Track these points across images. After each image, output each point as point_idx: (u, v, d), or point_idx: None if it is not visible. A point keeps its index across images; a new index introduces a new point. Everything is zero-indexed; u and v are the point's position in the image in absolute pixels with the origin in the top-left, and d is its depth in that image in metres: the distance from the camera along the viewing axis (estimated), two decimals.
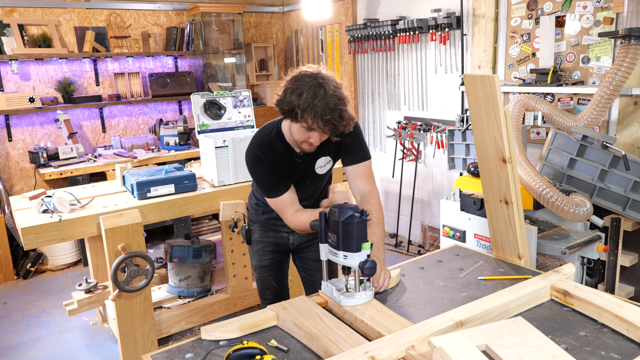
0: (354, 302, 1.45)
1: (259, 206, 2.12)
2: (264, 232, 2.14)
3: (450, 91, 4.02)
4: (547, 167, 2.92)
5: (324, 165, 1.95)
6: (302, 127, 1.69)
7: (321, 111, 1.59)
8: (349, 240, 1.42)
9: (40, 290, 4.00)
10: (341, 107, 1.64)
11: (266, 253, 2.16)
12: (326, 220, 1.49)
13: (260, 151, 1.84)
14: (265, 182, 1.87)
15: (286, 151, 1.85)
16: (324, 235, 1.49)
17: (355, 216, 1.41)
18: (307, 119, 1.63)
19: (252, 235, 2.17)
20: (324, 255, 1.53)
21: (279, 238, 2.14)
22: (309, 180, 1.96)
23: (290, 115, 1.68)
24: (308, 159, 1.90)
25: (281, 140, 1.85)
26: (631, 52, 2.57)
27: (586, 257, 2.50)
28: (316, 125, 1.63)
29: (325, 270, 1.58)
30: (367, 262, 1.41)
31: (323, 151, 1.90)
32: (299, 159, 1.87)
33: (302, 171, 1.92)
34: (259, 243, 2.16)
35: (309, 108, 1.60)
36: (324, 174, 1.99)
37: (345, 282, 1.54)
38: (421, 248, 4.49)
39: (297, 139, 1.76)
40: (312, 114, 1.60)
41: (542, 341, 1.13)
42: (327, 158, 1.94)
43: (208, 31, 5.26)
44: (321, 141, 1.74)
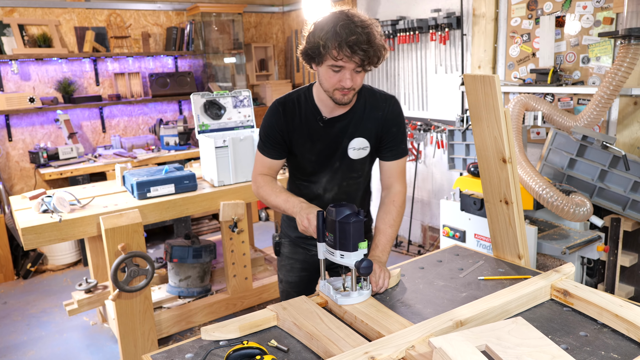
0: (351, 301, 1.45)
1: (290, 222, 1.94)
2: (294, 248, 1.96)
3: (450, 91, 4.02)
4: (547, 167, 2.91)
5: (359, 149, 1.72)
6: (329, 69, 1.52)
7: (345, 35, 1.44)
8: (346, 240, 1.42)
9: (40, 290, 4.00)
10: (368, 30, 1.47)
11: (294, 270, 1.97)
12: (324, 219, 1.49)
13: (283, 102, 1.71)
14: (264, 134, 1.73)
15: (311, 111, 1.69)
16: (321, 234, 1.49)
17: (352, 215, 1.42)
18: (331, 50, 1.46)
19: (282, 249, 2.00)
20: (322, 254, 1.52)
21: (309, 257, 1.95)
22: (338, 161, 1.74)
23: (315, 57, 1.52)
24: (335, 128, 1.70)
25: (309, 100, 1.70)
26: (631, 52, 2.57)
27: (586, 257, 2.51)
28: (343, 53, 1.46)
29: (323, 269, 1.56)
30: (363, 262, 1.41)
31: (361, 131, 1.71)
32: (322, 122, 1.69)
33: (329, 144, 1.71)
34: (288, 259, 1.98)
35: (332, 36, 1.45)
36: (358, 162, 1.76)
37: (343, 281, 1.55)
38: (421, 248, 4.49)
39: (328, 88, 1.58)
40: (336, 41, 1.44)
41: (542, 341, 1.12)
42: (365, 142, 1.72)
43: (208, 31, 5.26)
44: (355, 84, 1.55)
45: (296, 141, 1.72)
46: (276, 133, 1.72)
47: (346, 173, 1.77)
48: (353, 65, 1.51)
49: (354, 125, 1.71)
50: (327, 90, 1.60)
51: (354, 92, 1.60)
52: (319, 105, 1.70)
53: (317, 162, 1.75)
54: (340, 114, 1.70)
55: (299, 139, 1.72)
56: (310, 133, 1.71)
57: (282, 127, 1.71)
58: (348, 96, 1.59)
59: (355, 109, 1.71)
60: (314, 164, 1.76)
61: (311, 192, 1.81)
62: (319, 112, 1.70)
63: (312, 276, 1.97)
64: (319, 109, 1.70)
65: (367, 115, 1.72)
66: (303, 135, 1.71)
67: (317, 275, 1.95)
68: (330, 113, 1.70)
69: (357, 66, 1.52)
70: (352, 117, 1.71)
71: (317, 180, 1.79)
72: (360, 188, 1.85)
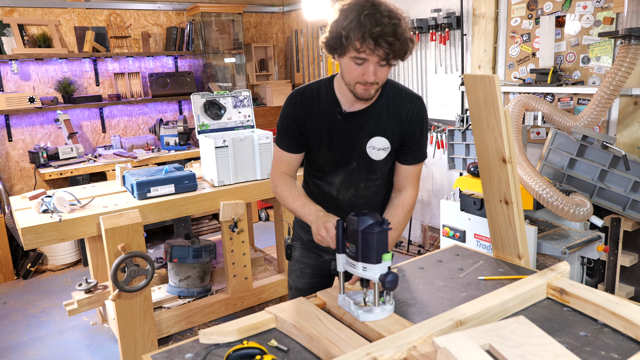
0: (373, 318, 1.35)
1: (303, 224, 1.84)
2: (305, 251, 1.88)
3: (450, 91, 4.02)
4: (547, 167, 2.91)
5: (379, 149, 1.63)
6: (351, 61, 1.44)
7: (370, 25, 1.34)
8: (369, 251, 1.31)
9: (40, 290, 4.00)
10: (395, 21, 1.38)
11: (305, 276, 1.88)
12: (344, 229, 1.38)
13: (301, 92, 1.65)
14: (281, 126, 1.67)
15: (330, 103, 1.62)
16: (341, 245, 1.39)
17: (375, 225, 1.31)
18: (354, 41, 1.38)
19: (293, 252, 1.91)
20: (341, 267, 1.40)
21: (320, 262, 1.87)
22: (355, 160, 1.65)
23: (337, 48, 1.44)
24: (354, 123, 1.62)
25: (329, 91, 1.63)
26: (631, 52, 2.57)
27: (586, 257, 2.51)
28: (366, 45, 1.37)
29: (342, 282, 1.45)
30: (389, 275, 1.30)
31: (382, 130, 1.62)
32: (340, 115, 1.61)
33: (346, 140, 1.63)
34: (299, 263, 1.90)
35: (355, 27, 1.36)
36: (377, 163, 1.66)
37: (364, 295, 1.42)
38: (421, 248, 4.49)
39: (350, 81, 1.50)
40: (360, 32, 1.36)
41: (544, 340, 1.13)
42: (385, 142, 1.63)
43: (208, 31, 5.26)
44: (378, 78, 1.46)
45: (313, 133, 1.64)
46: (293, 124, 1.65)
47: (364, 174, 1.68)
48: (377, 59, 1.42)
49: (374, 123, 1.62)
50: (348, 84, 1.52)
51: (377, 86, 1.51)
52: (340, 97, 1.62)
53: (333, 160, 1.67)
54: (360, 108, 1.61)
55: (315, 132, 1.64)
56: (327, 126, 1.63)
57: (299, 117, 1.63)
58: (370, 91, 1.50)
59: (377, 105, 1.62)
60: (329, 162, 1.68)
61: (324, 193, 1.73)
62: (338, 105, 1.62)
63: (323, 283, 1.87)
64: (338, 101, 1.62)
65: (390, 114, 1.63)
66: (320, 127, 1.63)
67: (328, 283, 1.90)
68: (350, 107, 1.62)
69: (381, 60, 1.43)
70: (372, 114, 1.62)
71: (332, 180, 1.71)
72: (380, 192, 1.74)
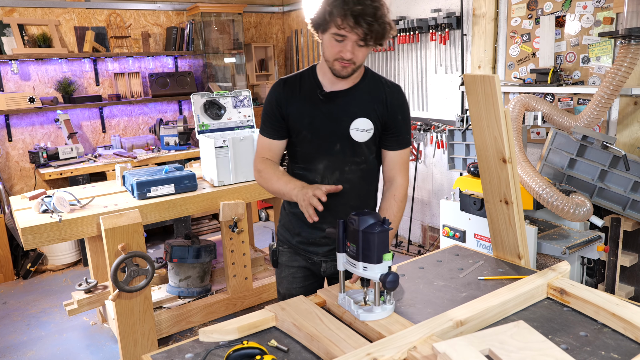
0: (374, 317, 1.36)
1: (290, 226, 1.83)
2: (293, 255, 1.85)
3: (450, 91, 4.02)
4: (547, 167, 2.91)
5: (363, 130, 1.65)
6: (332, 37, 1.52)
7: (352, 4, 1.44)
8: (370, 251, 1.31)
9: (40, 290, 4.00)
10: (376, 4, 1.47)
11: (297, 280, 1.84)
12: (344, 228, 1.39)
13: (285, 78, 1.71)
14: (265, 113, 1.71)
15: (312, 85, 1.68)
16: (341, 244, 1.40)
17: (376, 225, 1.31)
18: (336, 17, 1.46)
19: (280, 257, 1.87)
20: (342, 266, 1.42)
21: (310, 264, 1.84)
22: (339, 142, 1.66)
23: (322, 25, 1.53)
24: (336, 104, 1.66)
25: (311, 75, 1.69)
26: (631, 52, 2.57)
27: (586, 257, 2.51)
28: (346, 23, 1.46)
29: (342, 281, 1.46)
30: (389, 275, 1.31)
31: (366, 111, 1.66)
32: (322, 95, 1.65)
33: (328, 121, 1.66)
34: (288, 268, 1.86)
35: (339, 4, 1.46)
36: (361, 146, 1.68)
37: (364, 295, 1.44)
38: (421, 248, 4.49)
39: (329, 57, 1.56)
40: (342, 10, 1.45)
41: (544, 344, 1.13)
42: (369, 123, 1.66)
43: (208, 31, 5.26)
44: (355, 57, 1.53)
45: (294, 115, 1.67)
46: (275, 109, 1.69)
47: (349, 157, 1.68)
48: (355, 37, 1.49)
49: (356, 104, 1.66)
50: (327, 60, 1.58)
51: (354, 66, 1.57)
52: (321, 79, 1.68)
53: (315, 143, 1.68)
54: (341, 88, 1.66)
55: (296, 114, 1.67)
56: (309, 108, 1.67)
57: (281, 101, 1.68)
58: (347, 69, 1.57)
59: (359, 86, 1.67)
60: (311, 146, 1.68)
61: (308, 181, 1.70)
62: (320, 86, 1.67)
63: (316, 285, 1.86)
64: (320, 83, 1.67)
65: (371, 96, 1.68)
66: (302, 109, 1.67)
67: (321, 285, 1.88)
68: (331, 87, 1.67)
69: (360, 39, 1.50)
70: (354, 95, 1.66)
71: (315, 167, 1.70)
72: (366, 180, 1.75)
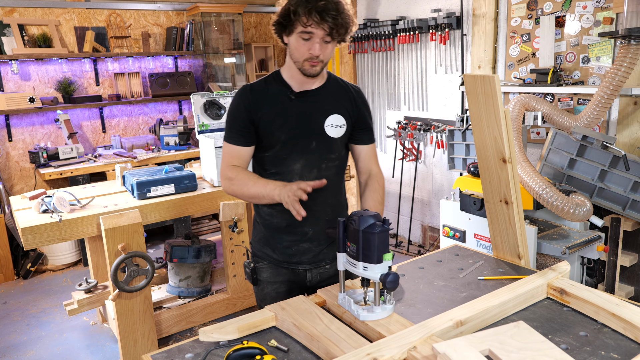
0: (374, 317, 1.36)
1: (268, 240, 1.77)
2: (275, 269, 1.77)
3: (450, 91, 4.02)
4: (547, 167, 2.92)
5: (337, 126, 1.70)
6: (299, 37, 1.55)
7: (315, 1, 1.49)
8: (370, 251, 1.32)
9: (40, 290, 4.00)
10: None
11: (281, 295, 1.76)
12: (344, 228, 1.39)
13: (250, 85, 1.70)
14: (231, 120, 1.68)
15: (280, 88, 1.68)
16: (342, 244, 1.40)
17: (377, 225, 1.32)
18: (301, 16, 1.50)
19: (260, 274, 1.79)
20: (342, 265, 1.42)
21: (294, 276, 1.77)
22: (314, 139, 1.68)
23: (287, 26, 1.56)
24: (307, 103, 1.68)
25: (277, 79, 1.70)
26: (631, 52, 2.57)
27: (586, 257, 2.51)
28: (312, 19, 1.49)
29: (343, 281, 1.46)
30: (390, 275, 1.31)
31: (337, 108, 1.71)
32: (293, 96, 1.67)
33: (302, 120, 1.67)
34: (271, 284, 1.78)
35: (302, 3, 1.50)
36: (336, 141, 1.71)
37: (364, 294, 1.44)
38: (421, 248, 4.49)
39: (298, 58, 1.58)
40: (306, 7, 1.49)
41: (544, 345, 1.13)
42: (342, 119, 1.71)
43: (208, 31, 5.26)
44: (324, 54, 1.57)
45: (265, 119, 1.65)
46: (243, 115, 1.66)
47: (325, 154, 1.70)
48: (322, 33, 1.53)
49: (328, 102, 1.71)
50: (296, 61, 1.60)
51: (323, 64, 1.61)
52: (289, 81, 1.69)
53: (290, 143, 1.67)
54: (310, 88, 1.69)
55: (268, 117, 1.65)
56: (280, 109, 1.67)
57: (250, 106, 1.66)
58: (316, 68, 1.60)
59: (326, 86, 1.73)
60: (285, 146, 1.67)
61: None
62: (289, 87, 1.69)
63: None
64: (289, 85, 1.69)
65: (339, 94, 1.74)
66: (273, 112, 1.66)
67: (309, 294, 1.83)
68: (300, 87, 1.69)
69: (326, 34, 1.54)
70: (324, 93, 1.71)
71: (291, 168, 1.69)
72: (339, 174, 1.79)
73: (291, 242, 1.74)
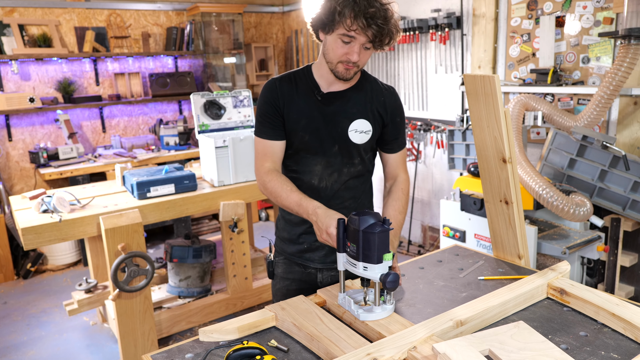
0: (374, 317, 1.36)
1: (285, 237, 1.81)
2: (289, 266, 1.81)
3: (450, 91, 4.02)
4: (547, 167, 2.92)
5: (362, 132, 1.64)
6: (339, 38, 1.49)
7: (364, 6, 1.42)
8: (370, 251, 1.31)
9: (40, 290, 4.00)
10: (386, 7, 1.46)
11: (291, 292, 1.79)
12: (345, 228, 1.38)
13: (279, 78, 1.66)
14: (260, 113, 1.65)
15: (309, 86, 1.64)
16: (342, 244, 1.39)
17: (377, 225, 1.31)
18: (346, 18, 1.44)
19: (276, 269, 1.85)
20: (342, 265, 1.41)
21: (305, 275, 1.79)
22: (337, 144, 1.64)
23: (327, 25, 1.49)
24: (334, 105, 1.64)
25: (307, 76, 1.65)
26: (631, 52, 2.57)
27: (586, 257, 2.51)
28: (357, 24, 1.43)
29: (342, 281, 1.46)
30: (390, 275, 1.31)
31: (364, 113, 1.65)
32: (320, 96, 1.63)
33: (326, 122, 1.63)
34: (283, 280, 1.82)
35: (350, 4, 1.43)
36: (359, 147, 1.67)
37: (364, 295, 1.44)
38: (421, 248, 4.49)
39: (333, 59, 1.53)
40: (354, 10, 1.42)
41: (544, 345, 1.13)
42: (367, 124, 1.65)
43: (208, 31, 5.26)
44: (361, 60, 1.52)
45: (291, 117, 1.63)
46: (272, 108, 1.63)
47: (346, 159, 1.67)
48: (364, 39, 1.48)
49: (355, 106, 1.65)
50: (330, 62, 1.55)
51: (357, 69, 1.56)
52: (319, 80, 1.64)
53: (312, 145, 1.64)
54: (339, 90, 1.64)
55: (294, 114, 1.63)
56: (307, 109, 1.63)
57: (279, 101, 1.63)
58: (350, 72, 1.55)
59: (356, 88, 1.66)
60: (307, 146, 1.65)
61: (304, 185, 1.68)
62: (317, 87, 1.64)
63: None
64: (317, 84, 1.64)
65: (370, 98, 1.67)
66: (299, 110, 1.63)
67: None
68: (328, 88, 1.64)
69: (368, 41, 1.48)
70: (352, 96, 1.65)
71: (311, 168, 1.68)
72: (361, 179, 1.75)
73: (305, 238, 1.75)
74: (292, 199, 1.55)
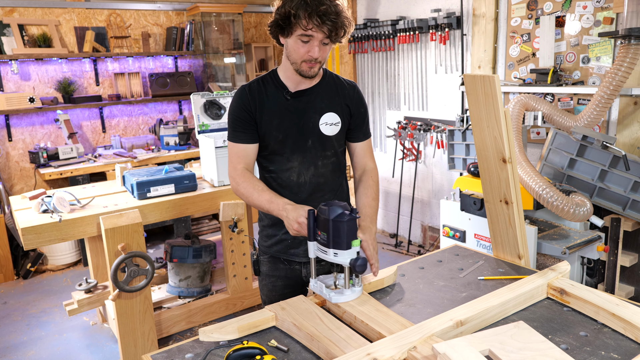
0: (344, 299, 1.46)
1: (268, 236, 1.86)
2: (274, 264, 1.87)
3: (450, 91, 4.02)
4: (547, 167, 2.91)
5: (332, 124, 1.75)
6: (298, 39, 1.58)
7: (315, 5, 1.51)
8: (339, 238, 1.42)
9: (40, 290, 4.00)
10: (336, 2, 1.56)
11: (276, 288, 1.87)
12: (315, 218, 1.48)
13: (248, 85, 1.74)
14: (233, 119, 1.72)
15: (277, 88, 1.72)
16: (312, 233, 1.49)
17: (345, 214, 1.41)
18: (301, 19, 1.52)
19: (261, 267, 1.92)
20: (312, 253, 1.52)
21: (290, 272, 1.86)
22: (310, 138, 1.73)
23: (285, 28, 1.58)
24: (303, 102, 1.72)
25: (274, 79, 1.74)
26: (631, 52, 2.57)
27: (586, 257, 2.51)
28: (312, 22, 1.52)
29: (314, 268, 1.56)
30: (359, 260, 1.43)
31: (332, 106, 1.75)
32: (289, 96, 1.71)
33: (298, 119, 1.71)
34: (269, 277, 1.89)
35: (302, 6, 1.52)
36: (330, 139, 1.75)
37: (334, 279, 1.55)
38: (421, 248, 4.49)
39: (297, 59, 1.62)
40: (306, 11, 1.51)
41: (544, 345, 1.13)
42: (336, 117, 1.75)
43: (208, 31, 5.26)
44: (322, 56, 1.61)
45: (264, 119, 1.71)
46: (245, 113, 1.71)
47: (320, 151, 1.76)
48: (322, 36, 1.56)
49: (323, 100, 1.74)
50: (294, 63, 1.64)
51: (320, 65, 1.65)
52: (285, 82, 1.73)
53: (286, 142, 1.72)
54: (306, 87, 1.73)
55: (266, 117, 1.71)
56: (278, 109, 1.71)
57: (251, 105, 1.70)
58: (314, 69, 1.64)
59: (322, 84, 1.76)
60: (282, 145, 1.72)
61: (284, 183, 1.76)
62: (285, 87, 1.72)
63: (296, 292, 1.81)
64: (285, 85, 1.73)
65: (335, 92, 1.77)
66: (271, 112, 1.71)
67: (302, 291, 1.86)
68: (296, 87, 1.73)
69: (325, 37, 1.57)
70: (319, 92, 1.74)
71: (289, 166, 1.75)
72: (336, 171, 1.83)
73: (288, 235, 1.79)
74: (264, 198, 1.64)
